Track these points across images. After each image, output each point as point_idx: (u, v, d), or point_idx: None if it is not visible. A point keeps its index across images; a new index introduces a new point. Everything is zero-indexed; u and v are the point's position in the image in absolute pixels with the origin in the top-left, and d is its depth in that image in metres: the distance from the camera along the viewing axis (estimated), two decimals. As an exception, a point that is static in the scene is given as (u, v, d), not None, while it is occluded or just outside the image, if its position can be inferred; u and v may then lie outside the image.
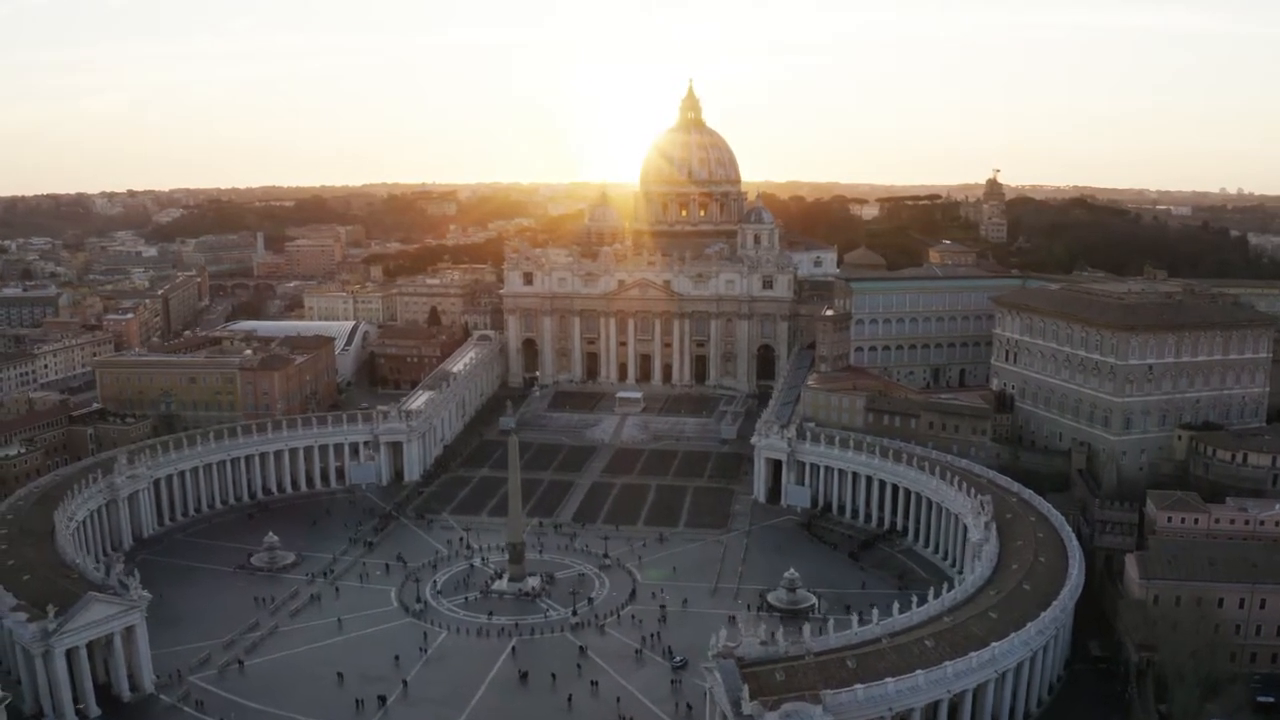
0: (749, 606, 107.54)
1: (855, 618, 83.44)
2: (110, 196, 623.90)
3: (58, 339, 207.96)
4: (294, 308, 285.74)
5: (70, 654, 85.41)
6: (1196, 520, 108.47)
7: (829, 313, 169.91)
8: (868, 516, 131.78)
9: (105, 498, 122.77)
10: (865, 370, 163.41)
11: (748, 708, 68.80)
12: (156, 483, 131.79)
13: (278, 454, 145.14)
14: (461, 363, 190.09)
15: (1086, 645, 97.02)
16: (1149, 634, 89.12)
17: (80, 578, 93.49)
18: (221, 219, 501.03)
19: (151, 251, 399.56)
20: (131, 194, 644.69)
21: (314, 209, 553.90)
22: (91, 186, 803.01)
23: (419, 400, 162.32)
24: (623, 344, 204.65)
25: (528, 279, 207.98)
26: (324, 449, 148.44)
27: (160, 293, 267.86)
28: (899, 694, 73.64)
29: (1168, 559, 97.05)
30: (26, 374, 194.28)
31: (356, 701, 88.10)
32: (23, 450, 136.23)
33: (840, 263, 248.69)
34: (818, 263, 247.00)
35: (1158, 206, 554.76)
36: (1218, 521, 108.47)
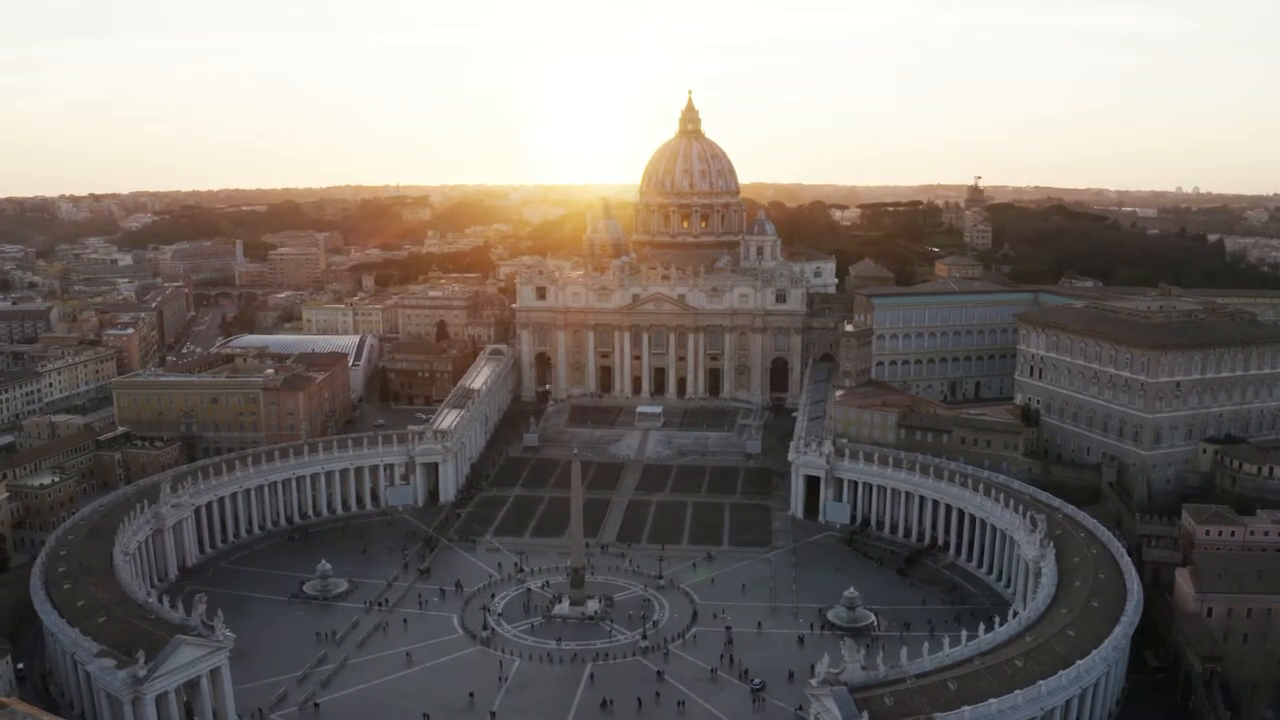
0: (813, 626, 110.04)
1: (946, 639, 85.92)
2: (74, 201, 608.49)
3: (59, 356, 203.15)
4: (287, 319, 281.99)
5: (158, 699, 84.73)
6: (1233, 533, 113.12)
7: (850, 328, 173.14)
8: (907, 532, 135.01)
9: (152, 528, 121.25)
10: (888, 385, 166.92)
11: (866, 735, 71.00)
12: (197, 510, 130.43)
13: (314, 477, 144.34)
14: (481, 379, 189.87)
15: (1142, 656, 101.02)
16: (1213, 646, 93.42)
17: (158, 618, 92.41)
18: (194, 225, 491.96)
19: (127, 259, 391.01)
20: (95, 198, 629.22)
21: (287, 214, 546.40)
22: (47, 189, 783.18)
23: (448, 419, 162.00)
24: (637, 358, 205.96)
25: (541, 293, 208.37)
26: (359, 471, 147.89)
27: (154, 305, 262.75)
28: (1001, 713, 76.47)
29: (1218, 573, 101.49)
30: (32, 393, 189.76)
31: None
32: (56, 479, 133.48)
33: (845, 274, 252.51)
34: (818, 273, 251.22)
35: (1123, 208, 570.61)
36: (1253, 534, 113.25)
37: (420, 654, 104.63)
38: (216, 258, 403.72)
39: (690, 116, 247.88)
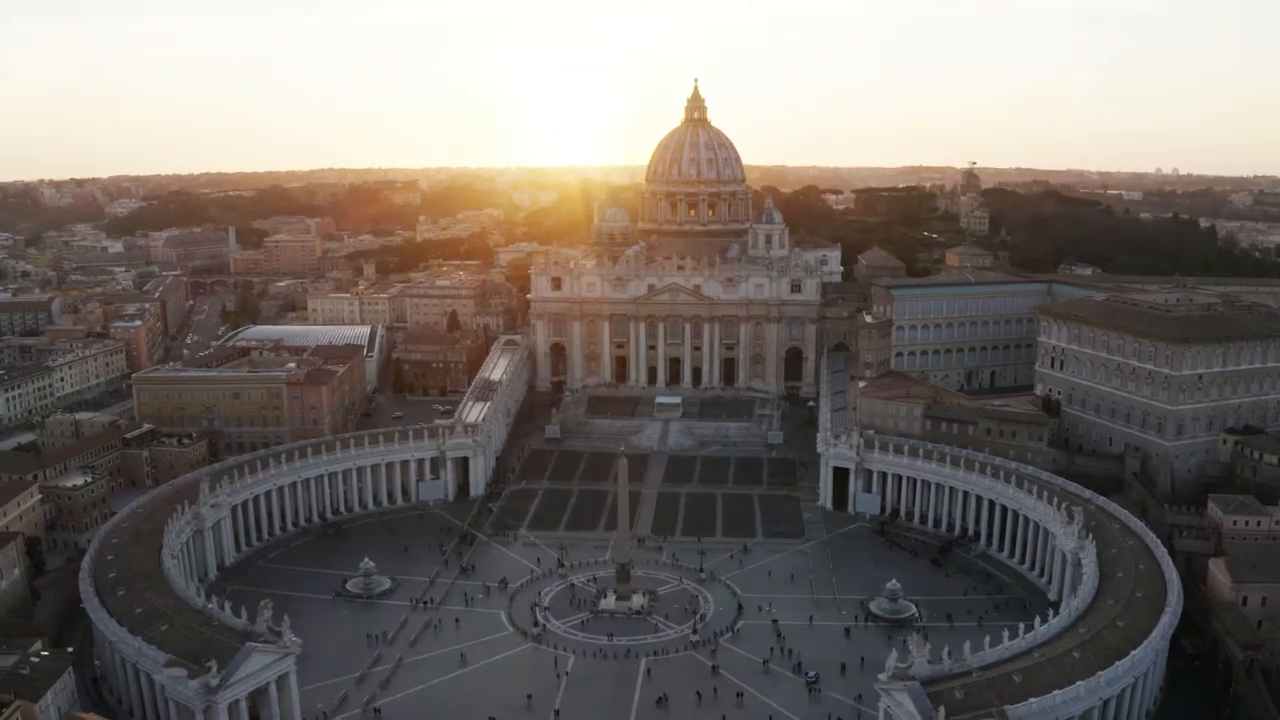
0: (857, 617, 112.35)
1: (1005, 632, 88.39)
2: (57, 186, 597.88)
3: (68, 350, 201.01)
4: (290, 309, 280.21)
5: (230, 706, 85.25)
6: (1259, 523, 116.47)
7: (869, 319, 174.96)
8: (936, 522, 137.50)
9: (193, 529, 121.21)
10: (908, 375, 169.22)
11: (943, 729, 73.15)
12: (233, 508, 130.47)
13: (346, 473, 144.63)
14: (499, 370, 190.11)
15: (1178, 645, 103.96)
16: (1252, 634, 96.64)
17: (221, 625, 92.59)
18: (182, 211, 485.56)
19: (117, 247, 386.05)
20: (77, 183, 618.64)
21: (276, 199, 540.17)
22: (26, 174, 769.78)
23: (475, 412, 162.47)
24: (652, 348, 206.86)
25: (556, 284, 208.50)
26: (391, 467, 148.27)
27: (157, 296, 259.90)
28: (1064, 704, 79.10)
29: (1252, 563, 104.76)
30: (44, 388, 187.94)
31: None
32: (88, 479, 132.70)
33: (853, 261, 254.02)
34: (824, 261, 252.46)
35: (1107, 190, 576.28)
36: (1278, 523, 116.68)
37: (473, 652, 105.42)
38: (209, 244, 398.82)
39: (696, 105, 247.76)
